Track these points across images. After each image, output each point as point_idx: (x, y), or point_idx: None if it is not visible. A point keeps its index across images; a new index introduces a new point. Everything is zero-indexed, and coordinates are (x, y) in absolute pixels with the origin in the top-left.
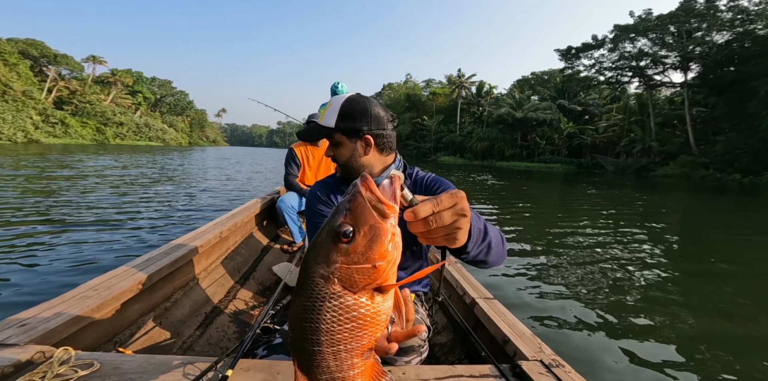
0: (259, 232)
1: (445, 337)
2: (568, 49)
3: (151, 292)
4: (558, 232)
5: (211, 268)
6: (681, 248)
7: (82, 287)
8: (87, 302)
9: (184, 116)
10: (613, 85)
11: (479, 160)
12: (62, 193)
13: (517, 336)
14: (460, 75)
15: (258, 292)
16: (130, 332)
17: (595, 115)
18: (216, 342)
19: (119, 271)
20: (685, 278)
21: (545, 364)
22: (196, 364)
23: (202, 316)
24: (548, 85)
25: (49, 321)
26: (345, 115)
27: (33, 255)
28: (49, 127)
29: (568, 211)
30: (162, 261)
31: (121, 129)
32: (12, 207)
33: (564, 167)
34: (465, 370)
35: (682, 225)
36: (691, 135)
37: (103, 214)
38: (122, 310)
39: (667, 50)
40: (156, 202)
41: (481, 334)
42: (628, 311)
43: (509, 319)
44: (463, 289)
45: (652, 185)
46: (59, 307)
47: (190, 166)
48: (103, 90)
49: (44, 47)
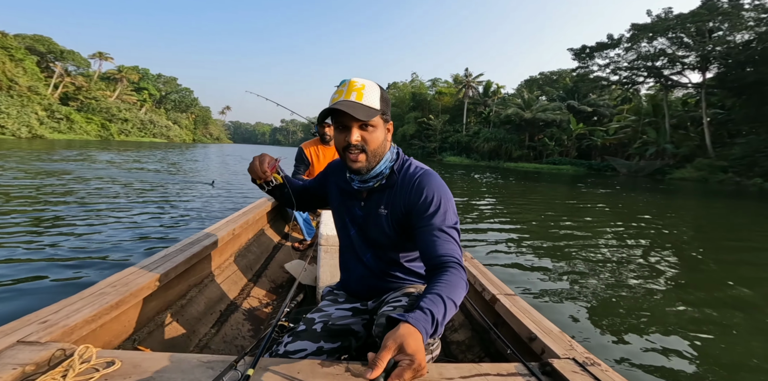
0: (270, 229)
1: (462, 335)
2: (582, 48)
3: (168, 289)
4: (574, 233)
5: (224, 266)
6: (709, 250)
7: (101, 284)
8: (106, 299)
9: (189, 113)
10: (627, 86)
11: (486, 161)
12: (73, 190)
13: (544, 333)
14: (467, 74)
15: (271, 290)
16: (148, 329)
17: (605, 116)
18: (231, 340)
19: (137, 268)
20: (715, 277)
21: (579, 363)
22: (214, 362)
23: (216, 313)
24: (556, 86)
25: (69, 318)
26: (384, 99)
27: (48, 251)
28: (54, 123)
29: (585, 212)
30: (177, 258)
31: (126, 125)
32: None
33: (574, 169)
34: (491, 368)
35: (707, 227)
36: (708, 137)
37: (115, 211)
38: (140, 307)
39: (685, 50)
40: (165, 198)
41: (503, 331)
42: (651, 310)
43: (534, 316)
44: (482, 285)
45: (670, 189)
46: (78, 303)
47: (196, 162)
48: (108, 86)
49: (51, 43)
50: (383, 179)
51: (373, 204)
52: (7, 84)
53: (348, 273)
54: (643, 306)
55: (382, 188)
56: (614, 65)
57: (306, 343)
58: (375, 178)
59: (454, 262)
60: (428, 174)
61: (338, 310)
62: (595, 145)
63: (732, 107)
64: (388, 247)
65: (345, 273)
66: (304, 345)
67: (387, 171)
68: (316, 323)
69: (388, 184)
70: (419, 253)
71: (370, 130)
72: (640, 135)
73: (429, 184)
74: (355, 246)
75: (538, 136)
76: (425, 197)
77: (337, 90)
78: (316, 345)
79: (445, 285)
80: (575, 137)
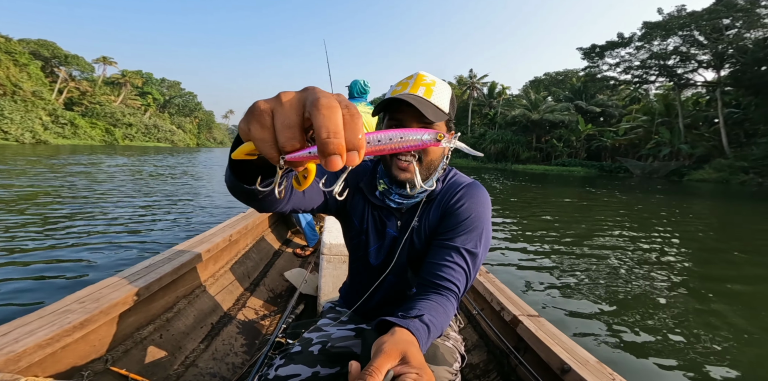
0: (271, 234)
1: (476, 358)
2: (592, 47)
3: (150, 303)
4: (597, 243)
5: (219, 274)
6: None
7: (67, 299)
8: (69, 318)
9: (192, 117)
10: (637, 85)
11: (493, 163)
12: (65, 193)
13: (580, 364)
14: (472, 76)
15: (269, 300)
16: (125, 348)
17: (614, 116)
18: (222, 357)
19: (112, 281)
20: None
21: None
22: None
23: (207, 327)
24: (563, 86)
25: (18, 342)
26: (452, 102)
27: (22, 261)
28: (58, 128)
29: (608, 219)
30: (164, 268)
31: (130, 130)
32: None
33: (585, 171)
34: None
35: (742, 235)
36: (724, 137)
37: (110, 219)
38: (115, 323)
39: (697, 48)
40: (163, 205)
41: (528, 358)
42: (702, 336)
43: (565, 343)
44: (500, 304)
45: (692, 191)
46: (35, 324)
47: (195, 167)
48: (113, 91)
49: (56, 48)
50: (426, 193)
51: (409, 221)
52: (11, 89)
53: (359, 295)
54: (694, 331)
55: (425, 201)
56: (625, 64)
57: (300, 367)
58: (422, 193)
59: (455, 294)
60: (476, 186)
61: (340, 331)
62: (604, 146)
63: (747, 106)
64: (415, 269)
65: (355, 294)
66: (297, 370)
67: (438, 187)
68: (314, 344)
69: (429, 198)
70: (425, 264)
71: None
72: (653, 135)
73: (472, 198)
74: (377, 269)
75: (545, 137)
76: (465, 209)
77: (400, 82)
78: (312, 370)
79: (443, 313)
80: (584, 138)
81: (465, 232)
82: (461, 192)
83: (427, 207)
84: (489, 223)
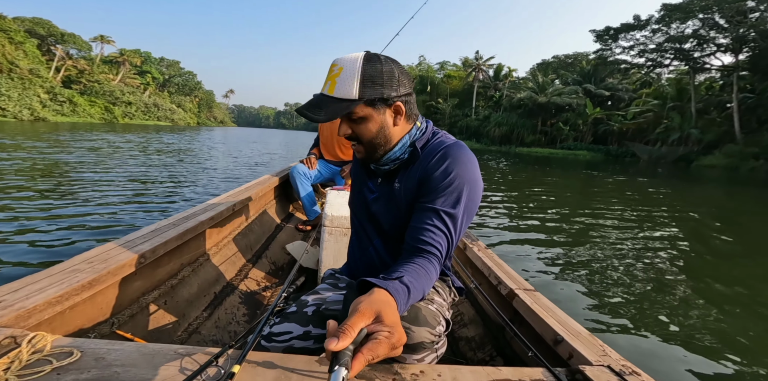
0: (274, 208)
1: (472, 331)
2: (606, 29)
3: (156, 268)
4: (598, 223)
5: (222, 244)
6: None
7: (75, 259)
8: (78, 277)
9: (192, 97)
10: (650, 69)
11: (497, 146)
12: (73, 168)
13: (572, 336)
14: (478, 57)
15: (270, 272)
16: (130, 312)
17: (623, 100)
18: (224, 325)
19: (120, 242)
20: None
21: (615, 371)
22: (196, 355)
23: (210, 296)
24: (571, 69)
25: (28, 299)
26: (369, 81)
27: (32, 226)
28: (56, 106)
29: (610, 201)
30: (169, 232)
31: (130, 108)
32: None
33: (590, 155)
34: (511, 373)
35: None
36: (737, 122)
37: (118, 188)
38: (121, 286)
39: (717, 31)
40: (165, 178)
41: (522, 331)
42: (695, 313)
43: (559, 316)
44: (498, 279)
45: (699, 176)
46: (44, 282)
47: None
48: (111, 70)
49: (51, 26)
50: (401, 161)
51: (390, 180)
52: (7, 66)
53: (354, 259)
54: (685, 307)
55: (403, 165)
56: (640, 47)
57: (293, 325)
58: (392, 162)
59: (436, 257)
60: (458, 147)
61: (335, 295)
62: (611, 131)
63: (763, 91)
64: (398, 233)
65: (351, 258)
66: (290, 327)
67: (406, 155)
68: (309, 306)
69: (411, 160)
70: (408, 228)
71: (358, 121)
72: (663, 120)
73: (453, 157)
74: (365, 230)
75: (551, 121)
76: (443, 170)
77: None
78: (304, 329)
79: (425, 275)
80: (591, 122)
81: (444, 193)
82: (440, 153)
83: (407, 170)
84: (474, 183)
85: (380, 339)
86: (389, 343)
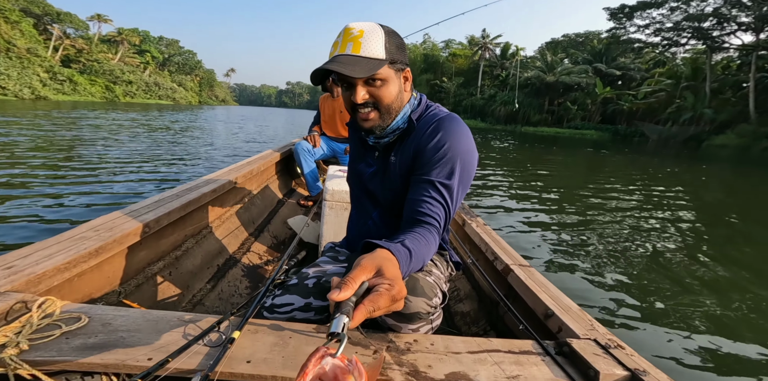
0: (276, 183)
1: (467, 306)
2: (621, 7)
3: (160, 238)
4: (598, 203)
5: (225, 217)
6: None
7: (82, 227)
8: (85, 244)
9: (193, 76)
10: (666, 48)
11: (502, 125)
12: (80, 143)
13: (562, 310)
14: (485, 36)
15: (272, 246)
16: (137, 282)
17: (635, 79)
18: (227, 297)
19: (125, 211)
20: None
21: (600, 344)
22: (199, 322)
23: (213, 268)
24: (581, 48)
25: (38, 264)
26: (393, 43)
27: (38, 199)
28: (57, 85)
29: (614, 180)
30: (172, 203)
31: (131, 87)
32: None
33: (598, 134)
34: (501, 344)
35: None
36: (752, 102)
37: (126, 163)
38: (127, 256)
39: (740, 10)
40: (173, 155)
41: (515, 305)
42: (682, 292)
43: (551, 291)
44: (494, 254)
45: (709, 156)
46: (53, 248)
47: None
48: (110, 49)
49: (46, 5)
50: (400, 132)
51: (387, 154)
52: (5, 46)
53: (353, 233)
54: (674, 286)
55: (399, 138)
56: (656, 26)
57: (294, 297)
58: (392, 134)
59: (435, 228)
60: (450, 119)
61: (336, 267)
62: (621, 110)
63: None
64: (395, 206)
65: (350, 232)
66: (291, 299)
67: (405, 125)
68: (309, 278)
69: (406, 133)
70: (406, 201)
71: (379, 84)
72: (675, 100)
73: (446, 129)
74: (363, 204)
75: (558, 100)
76: (436, 142)
77: (333, 42)
78: (305, 301)
79: (425, 244)
80: (600, 102)
81: (438, 165)
82: (434, 125)
83: (402, 143)
84: (467, 154)
85: (381, 291)
86: (390, 295)
